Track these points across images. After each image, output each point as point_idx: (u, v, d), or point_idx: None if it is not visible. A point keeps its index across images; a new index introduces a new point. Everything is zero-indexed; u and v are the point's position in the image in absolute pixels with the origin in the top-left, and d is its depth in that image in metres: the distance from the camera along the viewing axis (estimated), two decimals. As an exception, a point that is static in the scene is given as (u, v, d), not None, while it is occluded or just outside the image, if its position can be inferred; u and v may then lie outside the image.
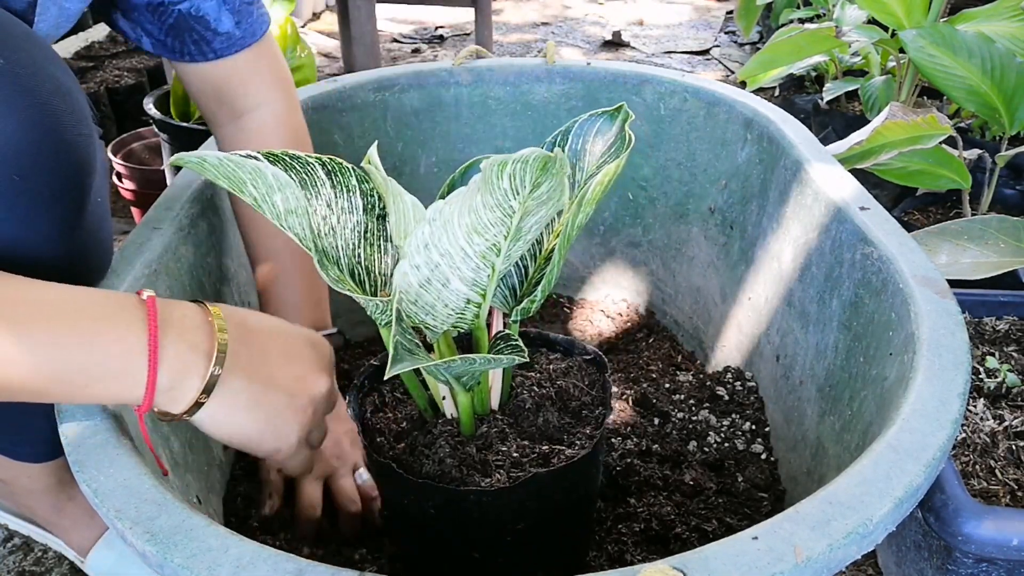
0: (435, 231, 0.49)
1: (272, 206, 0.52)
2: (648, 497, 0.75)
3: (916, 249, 0.66)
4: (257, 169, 0.50)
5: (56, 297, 0.50)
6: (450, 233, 0.50)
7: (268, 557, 0.42)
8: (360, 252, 0.60)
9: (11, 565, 0.89)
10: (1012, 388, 0.81)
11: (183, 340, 0.51)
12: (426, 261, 0.51)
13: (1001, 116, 1.09)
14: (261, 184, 0.51)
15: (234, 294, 0.82)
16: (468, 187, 0.47)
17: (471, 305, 0.55)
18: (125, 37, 0.79)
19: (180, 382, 0.51)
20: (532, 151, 0.44)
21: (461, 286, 0.53)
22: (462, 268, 0.52)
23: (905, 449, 0.48)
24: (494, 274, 0.53)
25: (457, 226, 0.49)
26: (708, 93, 0.97)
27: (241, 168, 0.50)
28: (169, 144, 1.37)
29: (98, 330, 0.49)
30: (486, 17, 1.86)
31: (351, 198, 0.59)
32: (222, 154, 0.50)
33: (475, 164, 0.67)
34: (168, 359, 0.50)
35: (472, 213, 0.48)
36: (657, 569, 0.40)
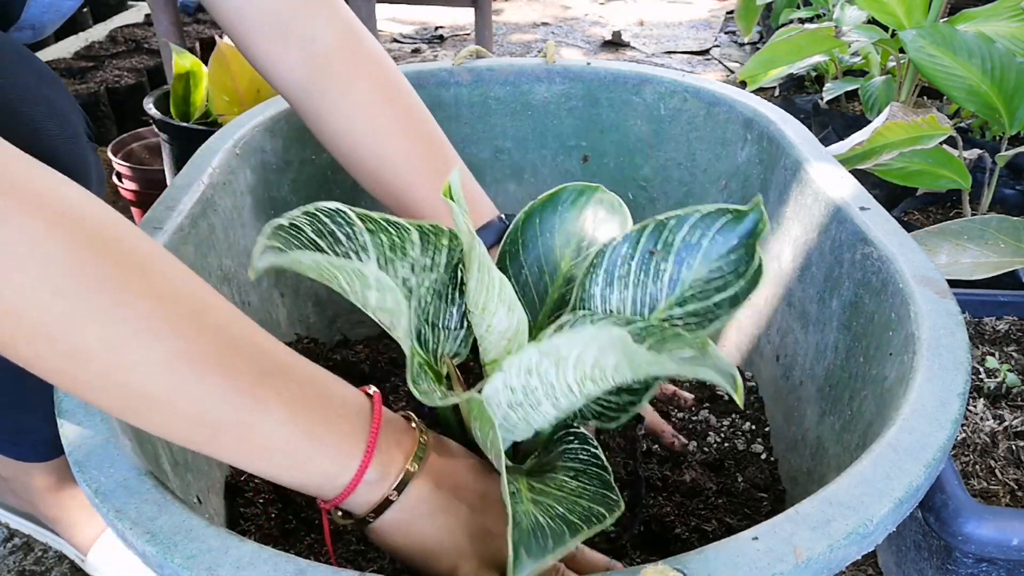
0: (544, 364, 0.45)
1: (363, 300, 0.49)
2: (647, 497, 0.75)
3: (916, 249, 0.66)
4: (358, 272, 0.46)
5: (300, 362, 0.48)
6: (561, 371, 0.46)
7: (268, 557, 0.42)
8: (430, 308, 0.56)
9: (12, 565, 0.89)
10: (1012, 388, 0.81)
11: (393, 436, 0.50)
12: (523, 386, 0.47)
13: (1001, 116, 1.09)
14: (357, 284, 0.48)
15: (234, 294, 0.82)
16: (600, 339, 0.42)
17: (554, 420, 0.52)
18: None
19: (381, 477, 0.49)
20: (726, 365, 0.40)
21: (551, 410, 0.50)
22: (560, 400, 0.48)
23: (905, 449, 0.48)
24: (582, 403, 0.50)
25: (572, 367, 0.45)
26: (708, 93, 0.97)
27: (341, 271, 0.46)
28: (169, 144, 1.37)
29: (334, 406, 0.48)
30: (486, 17, 1.86)
31: (436, 256, 0.56)
32: (319, 257, 0.46)
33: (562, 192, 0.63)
34: (380, 451, 0.49)
35: (597, 368, 0.45)
36: (657, 569, 0.40)
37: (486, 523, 0.52)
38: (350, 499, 0.49)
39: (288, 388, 0.46)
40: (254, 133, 0.88)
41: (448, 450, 0.55)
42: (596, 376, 0.46)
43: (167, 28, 1.60)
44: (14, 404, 0.73)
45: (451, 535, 0.51)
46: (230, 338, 0.44)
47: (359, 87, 0.70)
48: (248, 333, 0.46)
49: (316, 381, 0.48)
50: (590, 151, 1.05)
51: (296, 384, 0.46)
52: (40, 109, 0.58)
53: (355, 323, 1.04)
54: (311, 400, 0.47)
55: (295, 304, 0.97)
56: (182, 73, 1.40)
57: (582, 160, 1.06)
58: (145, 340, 0.40)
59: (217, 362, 0.43)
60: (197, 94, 1.42)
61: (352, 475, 0.48)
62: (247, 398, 0.44)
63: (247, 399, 0.44)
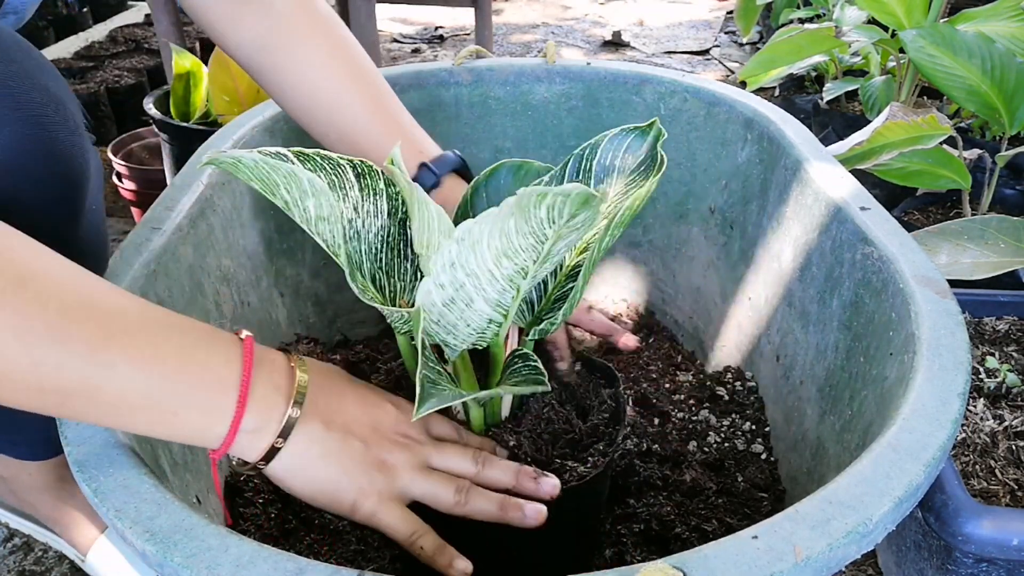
0: (463, 251, 0.48)
1: (303, 211, 0.51)
2: (648, 497, 0.75)
3: (916, 249, 0.66)
4: (292, 174, 0.49)
5: (160, 317, 0.48)
6: (478, 254, 0.48)
7: (268, 556, 0.42)
8: (382, 257, 0.59)
9: (12, 565, 0.89)
10: (1012, 388, 0.81)
11: (270, 381, 0.50)
12: (451, 280, 0.49)
13: (1001, 116, 1.09)
14: (295, 189, 0.50)
15: (234, 294, 0.82)
16: (500, 210, 0.45)
17: (492, 324, 0.54)
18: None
19: (262, 424, 0.50)
20: (575, 187, 0.43)
21: (485, 307, 0.52)
22: (487, 289, 0.51)
23: (905, 449, 0.48)
24: (518, 295, 0.52)
25: (487, 248, 0.48)
26: (708, 93, 0.97)
27: (276, 172, 0.49)
28: (169, 144, 1.37)
29: (197, 358, 0.48)
30: (486, 17, 1.86)
31: (377, 201, 0.58)
32: (257, 156, 0.48)
33: (500, 168, 0.67)
34: (256, 398, 0.49)
35: (504, 237, 0.47)
36: (657, 568, 0.40)
37: (380, 454, 0.54)
38: (234, 448, 0.49)
39: (138, 346, 0.45)
40: (254, 133, 0.88)
41: (336, 386, 0.56)
42: (506, 247, 0.47)
43: (167, 28, 1.60)
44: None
45: (347, 473, 0.52)
46: (60, 304, 0.44)
47: (313, 43, 0.75)
48: (90, 296, 0.45)
49: (175, 333, 0.48)
50: (590, 151, 1.05)
51: (149, 340, 0.46)
52: (41, 98, 0.58)
53: (355, 323, 1.04)
54: (168, 355, 0.46)
55: (295, 304, 0.97)
56: (182, 73, 1.40)
57: (582, 160, 1.06)
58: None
59: (44, 331, 0.43)
60: (197, 94, 1.42)
61: (227, 426, 0.48)
62: (86, 362, 0.44)
63: (87, 363, 0.44)
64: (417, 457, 0.56)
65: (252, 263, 0.87)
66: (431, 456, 0.56)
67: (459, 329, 0.53)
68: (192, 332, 0.49)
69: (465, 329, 0.54)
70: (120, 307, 0.46)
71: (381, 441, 0.55)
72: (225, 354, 0.49)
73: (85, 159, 0.62)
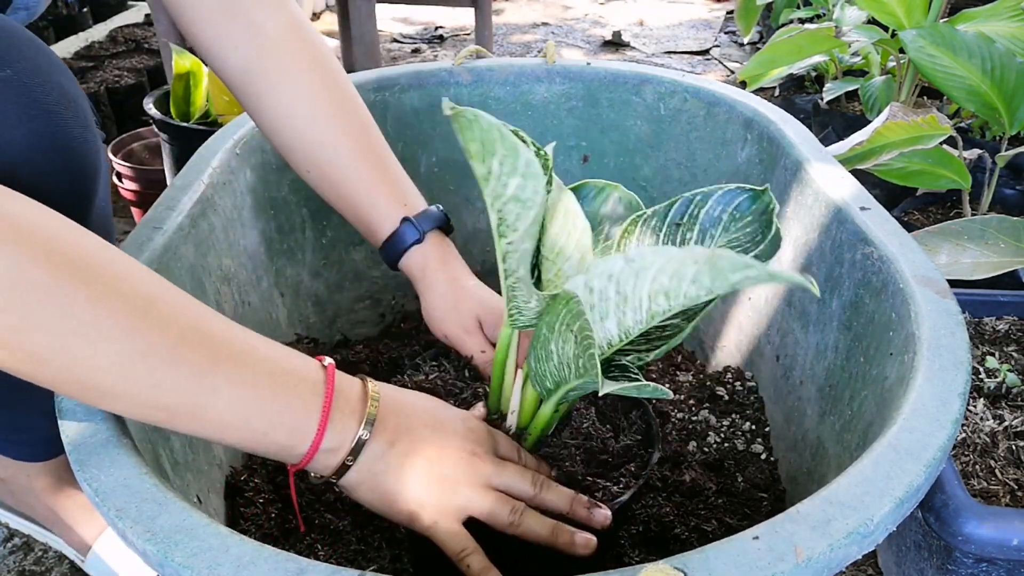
0: (626, 271, 0.48)
1: (503, 186, 0.50)
2: (647, 498, 0.75)
3: (916, 249, 0.66)
4: (515, 148, 0.48)
5: (258, 344, 0.52)
6: (640, 281, 0.48)
7: (269, 556, 0.42)
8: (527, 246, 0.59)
9: (12, 565, 0.89)
10: (1012, 388, 0.81)
11: (347, 406, 0.54)
12: (601, 290, 0.50)
13: (1001, 116, 1.09)
14: (508, 163, 0.49)
15: (234, 294, 0.82)
16: (683, 253, 0.45)
17: (607, 346, 0.55)
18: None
19: (337, 445, 0.53)
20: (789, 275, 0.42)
21: (613, 328, 0.53)
22: (627, 314, 0.51)
23: (905, 449, 0.48)
24: (644, 328, 0.53)
25: (650, 280, 0.48)
26: (708, 93, 0.97)
27: (504, 140, 0.48)
28: (169, 144, 1.37)
29: (288, 384, 0.52)
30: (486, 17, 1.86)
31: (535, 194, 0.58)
32: (495, 120, 0.48)
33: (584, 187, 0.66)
34: (333, 421, 0.53)
35: (675, 279, 0.47)
36: (658, 569, 0.40)
37: (443, 471, 0.56)
38: (311, 465, 0.53)
39: (239, 371, 0.49)
40: (254, 133, 0.88)
41: (406, 408, 0.58)
42: (672, 289, 0.48)
43: (167, 28, 1.60)
44: (12, 403, 0.73)
45: (408, 487, 0.55)
46: (179, 330, 0.48)
47: (300, 73, 0.73)
48: (200, 323, 0.49)
49: (270, 362, 0.52)
50: (590, 151, 1.05)
51: (248, 367, 0.50)
52: (54, 95, 0.59)
53: (355, 323, 1.04)
54: (263, 380, 0.50)
55: (295, 304, 0.97)
56: (182, 73, 1.40)
57: (582, 160, 1.06)
58: (92, 342, 0.44)
59: (166, 355, 0.47)
60: (197, 94, 1.42)
61: (308, 447, 0.52)
62: (196, 385, 0.48)
63: (196, 386, 0.48)
64: (478, 475, 0.58)
65: (253, 263, 0.88)
66: (492, 475, 0.58)
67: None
68: (285, 360, 0.53)
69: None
70: (225, 334, 0.51)
71: (445, 458, 0.57)
72: (312, 381, 0.53)
73: (97, 155, 0.63)
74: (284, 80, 0.72)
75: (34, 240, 0.44)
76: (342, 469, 0.54)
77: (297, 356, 0.54)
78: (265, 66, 0.72)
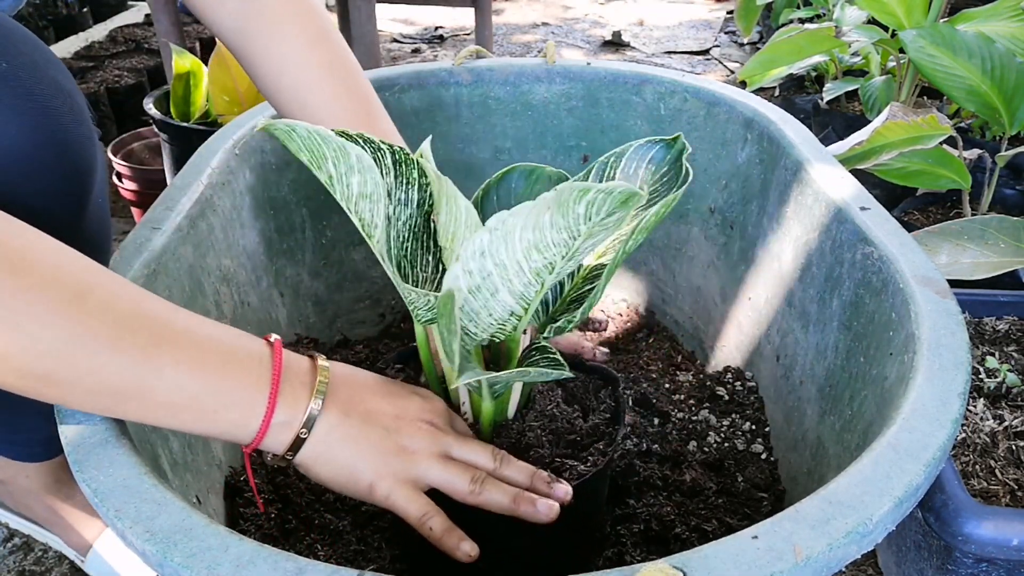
0: (494, 240, 0.49)
1: (346, 187, 0.52)
2: (648, 497, 0.75)
3: (916, 249, 0.66)
4: (341, 147, 0.50)
5: (200, 324, 0.52)
6: (509, 245, 0.49)
7: (268, 556, 0.42)
8: (407, 246, 0.60)
9: (11, 565, 0.89)
10: (1012, 388, 0.81)
11: (296, 379, 0.54)
12: (479, 268, 0.50)
13: (1001, 116, 1.09)
14: (342, 163, 0.51)
15: (234, 294, 0.82)
16: (536, 203, 0.46)
17: (512, 317, 0.55)
18: None
19: (289, 418, 0.53)
20: (617, 184, 0.44)
21: (508, 298, 0.53)
22: (513, 281, 0.51)
23: (905, 449, 0.48)
24: (542, 290, 0.53)
25: (518, 240, 0.49)
26: (708, 93, 0.97)
27: (326, 144, 0.50)
28: (169, 144, 1.37)
29: (234, 361, 0.51)
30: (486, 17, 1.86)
31: (409, 191, 0.59)
32: (311, 126, 0.50)
33: (512, 171, 0.67)
34: (284, 395, 0.52)
35: (537, 230, 0.48)
36: (657, 568, 0.40)
37: (399, 441, 0.56)
38: (265, 441, 0.53)
39: (184, 351, 0.49)
40: (253, 133, 0.88)
41: (358, 380, 0.58)
42: (538, 241, 0.48)
43: (167, 28, 1.60)
44: (10, 404, 0.73)
45: (364, 457, 0.55)
46: (117, 314, 0.47)
47: (290, 33, 0.73)
48: (141, 307, 0.49)
49: (214, 339, 0.51)
50: (590, 151, 1.05)
51: (194, 346, 0.50)
52: (51, 90, 0.58)
53: (355, 323, 1.04)
54: (210, 359, 0.50)
55: (295, 304, 0.97)
56: (182, 73, 1.40)
57: (582, 160, 1.06)
58: (29, 330, 0.44)
59: (106, 338, 0.46)
60: (197, 94, 1.42)
61: (260, 421, 0.52)
62: (141, 367, 0.47)
63: (141, 368, 0.47)
64: (438, 445, 0.57)
65: (252, 263, 0.88)
66: (452, 446, 0.58)
67: (481, 318, 0.54)
68: (229, 338, 0.53)
69: (487, 319, 0.54)
70: (166, 316, 0.50)
71: (402, 428, 0.57)
72: (259, 357, 0.53)
73: (93, 151, 0.63)
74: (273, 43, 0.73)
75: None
76: (297, 444, 0.53)
77: (243, 335, 0.54)
78: (256, 29, 0.73)
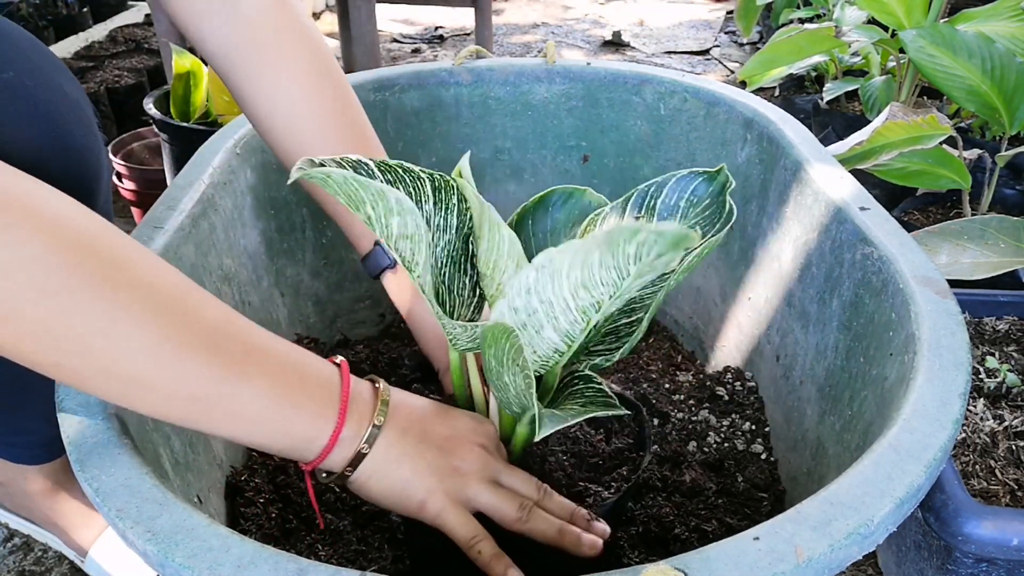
0: (541, 279, 0.48)
1: (385, 227, 0.52)
2: (647, 498, 0.75)
3: (916, 249, 0.66)
4: (381, 192, 0.49)
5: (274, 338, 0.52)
6: (556, 283, 0.48)
7: (269, 556, 0.42)
8: (445, 272, 0.60)
9: (11, 565, 0.89)
10: (1012, 388, 0.81)
11: (360, 399, 0.55)
12: (525, 305, 0.50)
13: (1001, 116, 1.09)
14: (380, 206, 0.50)
15: (235, 294, 0.82)
16: (585, 242, 0.45)
17: (556, 354, 0.54)
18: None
19: (353, 434, 0.53)
20: (671, 227, 0.43)
21: (554, 335, 0.52)
22: (559, 319, 0.51)
23: (906, 449, 0.48)
24: (587, 328, 0.52)
25: (565, 278, 0.48)
26: (708, 93, 0.97)
27: (365, 190, 0.50)
28: (169, 144, 1.37)
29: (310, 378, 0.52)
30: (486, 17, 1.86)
31: (448, 216, 0.59)
32: (348, 173, 0.49)
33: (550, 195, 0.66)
34: (352, 412, 0.53)
35: (586, 268, 0.47)
36: (659, 569, 0.40)
37: (452, 462, 0.56)
38: (329, 458, 0.53)
39: (269, 363, 0.50)
40: (255, 133, 0.88)
41: (414, 403, 0.59)
42: (587, 279, 0.48)
43: (167, 28, 1.60)
44: (10, 405, 0.73)
45: (419, 475, 0.55)
46: (212, 321, 0.48)
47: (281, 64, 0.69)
48: (227, 316, 0.50)
49: (292, 356, 0.52)
50: (590, 151, 1.05)
51: (276, 360, 0.50)
52: (56, 97, 0.58)
53: (355, 323, 1.04)
54: (290, 373, 0.51)
55: (295, 304, 0.97)
56: (182, 73, 1.40)
57: (582, 160, 1.06)
58: (127, 328, 0.44)
59: (202, 343, 0.46)
60: (197, 94, 1.42)
61: (329, 436, 0.52)
62: (234, 374, 0.47)
63: (234, 375, 0.47)
64: (488, 470, 0.58)
65: (253, 263, 0.88)
66: (501, 472, 0.59)
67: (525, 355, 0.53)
68: (302, 356, 0.53)
69: (531, 356, 0.53)
70: (250, 330, 0.51)
71: (456, 449, 0.57)
72: (329, 375, 0.54)
73: (99, 157, 0.63)
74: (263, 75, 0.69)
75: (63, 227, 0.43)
76: (356, 459, 0.54)
77: (313, 355, 0.55)
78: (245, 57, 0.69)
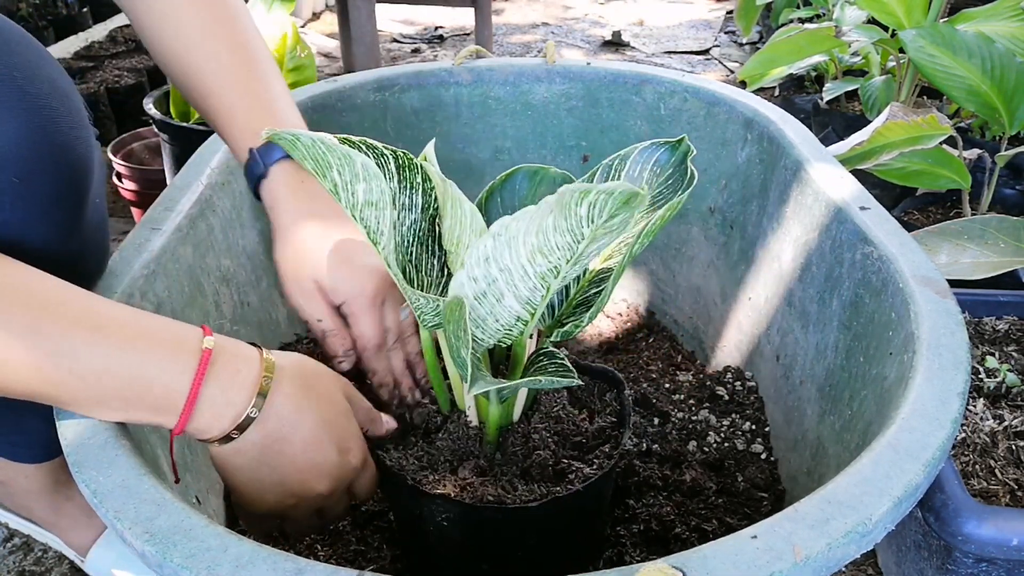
0: (498, 246, 0.49)
1: (351, 195, 0.52)
2: (648, 497, 0.75)
3: (916, 249, 0.66)
4: (347, 156, 0.50)
5: (120, 310, 0.52)
6: (513, 250, 0.49)
7: (267, 556, 0.42)
8: (412, 251, 0.60)
9: (11, 565, 0.89)
10: (1012, 388, 0.81)
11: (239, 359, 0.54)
12: (484, 275, 0.50)
13: (1001, 116, 1.09)
14: (347, 171, 0.51)
15: (233, 294, 0.82)
16: (539, 207, 0.46)
17: (519, 322, 0.55)
18: None
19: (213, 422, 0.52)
20: (618, 185, 0.43)
21: (514, 303, 0.53)
22: (519, 286, 0.51)
23: (905, 448, 0.48)
24: (547, 295, 0.53)
25: (522, 244, 0.48)
26: (708, 93, 0.97)
27: (331, 152, 0.50)
28: (169, 144, 1.37)
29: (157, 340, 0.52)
30: (486, 17, 1.86)
31: (413, 195, 0.59)
32: (315, 135, 0.50)
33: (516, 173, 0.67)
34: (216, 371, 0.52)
35: (540, 234, 0.48)
36: (656, 568, 0.40)
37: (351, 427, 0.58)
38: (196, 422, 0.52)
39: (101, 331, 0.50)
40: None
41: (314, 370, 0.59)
42: (542, 245, 0.48)
43: (167, 28, 1.59)
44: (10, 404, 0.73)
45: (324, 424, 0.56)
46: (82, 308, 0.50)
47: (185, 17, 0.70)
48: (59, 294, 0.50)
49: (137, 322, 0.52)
50: (590, 151, 1.05)
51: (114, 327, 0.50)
52: (47, 90, 0.58)
53: (355, 323, 1.04)
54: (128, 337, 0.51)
55: (295, 304, 0.97)
56: (182, 73, 1.40)
57: (582, 160, 1.06)
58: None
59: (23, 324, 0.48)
60: (197, 94, 1.42)
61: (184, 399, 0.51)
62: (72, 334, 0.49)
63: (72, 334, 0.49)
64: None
65: (252, 263, 0.87)
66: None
67: (487, 324, 0.54)
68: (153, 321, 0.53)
69: (493, 324, 0.54)
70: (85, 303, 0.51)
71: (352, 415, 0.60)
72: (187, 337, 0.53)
73: (90, 151, 0.63)
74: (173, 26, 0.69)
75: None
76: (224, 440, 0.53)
77: (174, 322, 0.54)
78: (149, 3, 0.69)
